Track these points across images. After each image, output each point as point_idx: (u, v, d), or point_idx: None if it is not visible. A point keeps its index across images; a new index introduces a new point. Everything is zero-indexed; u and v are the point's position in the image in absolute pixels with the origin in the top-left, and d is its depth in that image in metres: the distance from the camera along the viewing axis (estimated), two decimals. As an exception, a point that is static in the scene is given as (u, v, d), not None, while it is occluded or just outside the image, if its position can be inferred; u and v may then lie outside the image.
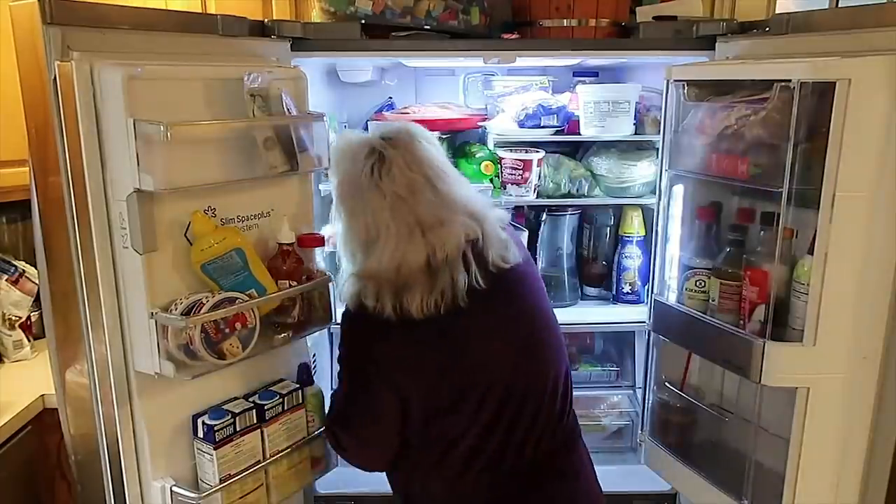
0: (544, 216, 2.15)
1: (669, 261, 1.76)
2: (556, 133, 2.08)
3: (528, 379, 1.38)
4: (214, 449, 1.38)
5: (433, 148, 1.40)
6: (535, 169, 2.03)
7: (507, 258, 1.38)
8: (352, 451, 1.45)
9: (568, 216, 2.19)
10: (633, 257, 2.14)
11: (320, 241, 1.60)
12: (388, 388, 1.35)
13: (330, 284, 1.58)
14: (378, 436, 1.41)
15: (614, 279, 2.19)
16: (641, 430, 1.92)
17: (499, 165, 2.06)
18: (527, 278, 1.45)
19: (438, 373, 1.34)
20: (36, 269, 1.79)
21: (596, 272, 2.26)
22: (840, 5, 2.28)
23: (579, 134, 2.05)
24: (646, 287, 2.10)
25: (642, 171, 2.04)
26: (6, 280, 2.12)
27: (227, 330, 1.34)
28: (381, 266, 1.30)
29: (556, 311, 1.50)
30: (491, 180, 2.06)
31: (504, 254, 1.38)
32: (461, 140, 2.27)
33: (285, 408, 1.51)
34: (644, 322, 1.88)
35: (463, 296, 1.31)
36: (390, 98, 2.38)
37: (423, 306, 1.29)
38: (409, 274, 1.30)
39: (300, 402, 1.54)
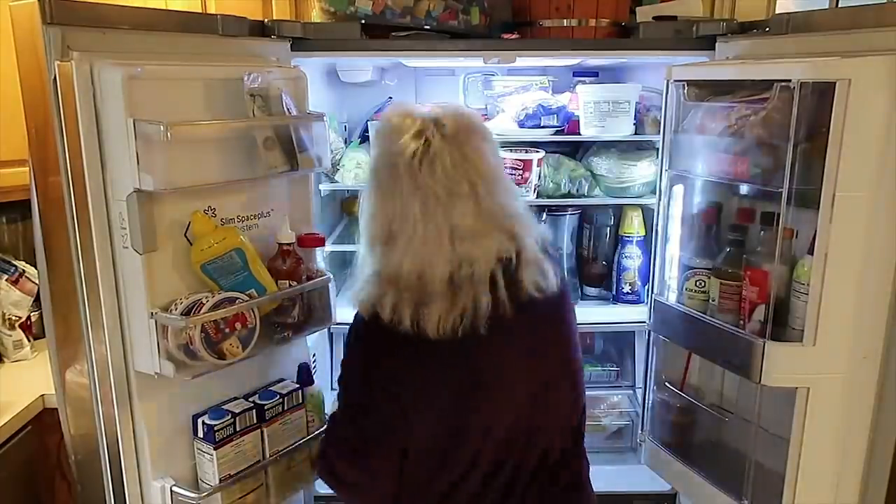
0: (544, 216, 2.15)
1: (669, 261, 1.76)
2: (556, 133, 2.08)
3: (535, 429, 1.27)
4: (214, 449, 1.38)
5: (488, 147, 1.26)
6: (535, 169, 2.03)
7: (541, 286, 1.23)
8: (349, 484, 1.33)
9: (568, 216, 2.19)
10: (633, 257, 2.14)
11: (320, 242, 1.60)
12: (394, 412, 1.24)
13: (330, 284, 1.58)
14: (381, 468, 1.28)
15: (614, 279, 2.19)
16: (641, 430, 1.92)
17: (499, 165, 2.06)
18: (559, 311, 1.32)
19: (448, 404, 1.23)
20: (36, 269, 1.79)
21: (596, 272, 2.25)
22: (840, 5, 2.28)
23: (579, 134, 2.05)
24: (646, 287, 2.10)
25: (642, 171, 2.04)
26: (6, 280, 2.12)
27: (227, 330, 1.34)
28: (403, 270, 1.18)
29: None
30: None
31: (539, 280, 1.24)
32: (461, 140, 2.26)
33: (285, 408, 1.51)
34: (644, 322, 1.88)
35: (484, 321, 1.18)
36: (390, 98, 2.38)
37: (440, 325, 1.17)
38: (430, 285, 1.17)
39: (300, 402, 1.54)
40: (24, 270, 2.15)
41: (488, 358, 1.23)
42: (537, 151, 2.04)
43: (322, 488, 1.99)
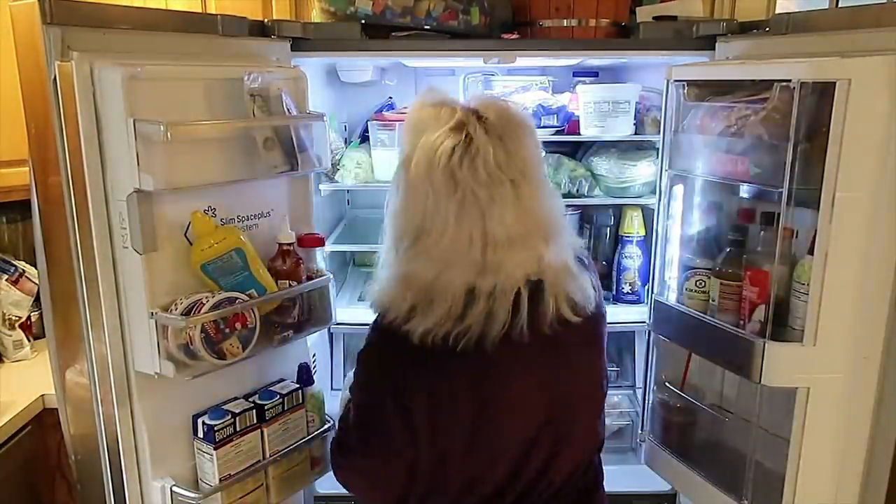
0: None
1: (669, 261, 1.76)
2: (556, 133, 2.08)
3: (549, 459, 1.21)
4: (214, 449, 1.38)
5: (532, 141, 1.16)
6: (535, 169, 2.03)
7: (578, 307, 1.14)
8: (353, 486, 1.35)
9: (568, 216, 2.17)
10: (633, 257, 2.14)
11: (320, 242, 1.60)
12: (402, 430, 1.18)
13: (330, 285, 1.58)
14: (383, 475, 1.26)
15: (614, 279, 2.19)
16: (641, 430, 1.91)
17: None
18: (590, 335, 1.23)
19: (454, 428, 1.17)
20: (36, 269, 1.79)
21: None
22: (840, 5, 2.28)
23: (579, 134, 2.05)
24: (646, 287, 2.10)
25: (642, 171, 2.04)
26: (6, 280, 2.12)
27: (227, 330, 1.34)
28: (421, 271, 1.11)
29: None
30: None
31: (575, 299, 1.14)
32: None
33: (285, 408, 1.51)
34: (644, 322, 1.88)
35: (493, 341, 1.09)
36: (390, 98, 2.38)
37: (432, 334, 1.09)
38: (442, 291, 1.09)
39: (300, 402, 1.54)
40: (24, 270, 2.15)
41: (497, 385, 1.15)
42: (537, 151, 2.04)
43: (322, 488, 1.99)
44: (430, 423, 1.17)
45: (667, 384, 1.80)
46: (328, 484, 1.88)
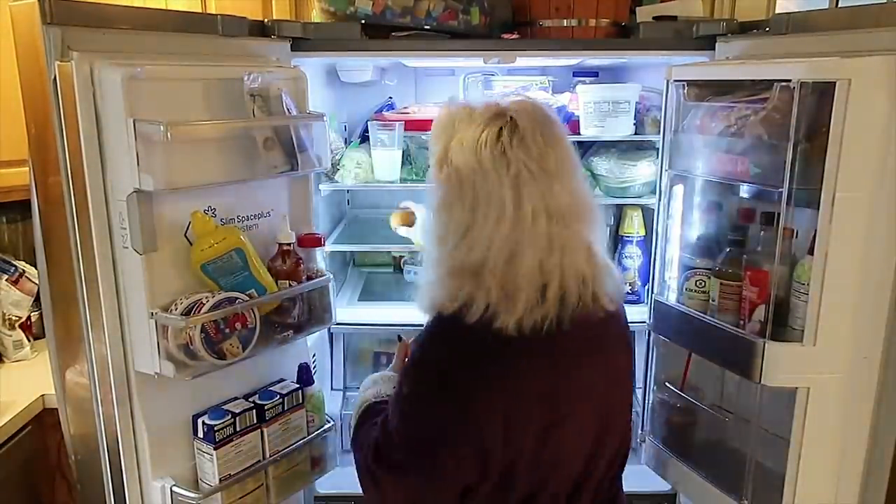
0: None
1: (669, 261, 1.76)
2: (556, 133, 2.07)
3: (594, 462, 1.19)
4: (214, 449, 1.38)
5: (566, 135, 1.17)
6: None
7: (613, 296, 1.13)
8: (392, 502, 1.22)
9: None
10: (633, 257, 2.14)
11: (320, 242, 1.61)
12: (475, 451, 1.10)
13: (330, 284, 1.58)
14: (431, 499, 1.16)
15: (614, 279, 2.19)
16: (641, 430, 1.91)
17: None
18: (626, 326, 1.22)
19: (529, 430, 1.11)
20: (36, 269, 1.79)
21: (596, 272, 2.25)
22: (840, 5, 2.28)
23: (579, 134, 2.04)
24: (646, 287, 2.09)
25: (642, 171, 2.04)
26: (6, 280, 2.12)
27: (227, 330, 1.34)
28: (489, 254, 1.06)
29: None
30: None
31: (612, 289, 1.13)
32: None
33: (285, 408, 1.51)
34: (644, 322, 1.88)
35: (569, 318, 1.08)
36: (390, 98, 2.38)
37: (524, 319, 1.05)
38: (519, 272, 1.05)
39: (300, 402, 1.54)
40: (24, 270, 2.15)
41: (567, 372, 1.11)
42: (537, 151, 2.04)
43: (322, 488, 1.99)
44: (504, 438, 1.10)
45: (667, 384, 1.80)
46: (328, 484, 1.90)
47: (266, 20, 1.66)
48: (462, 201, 1.10)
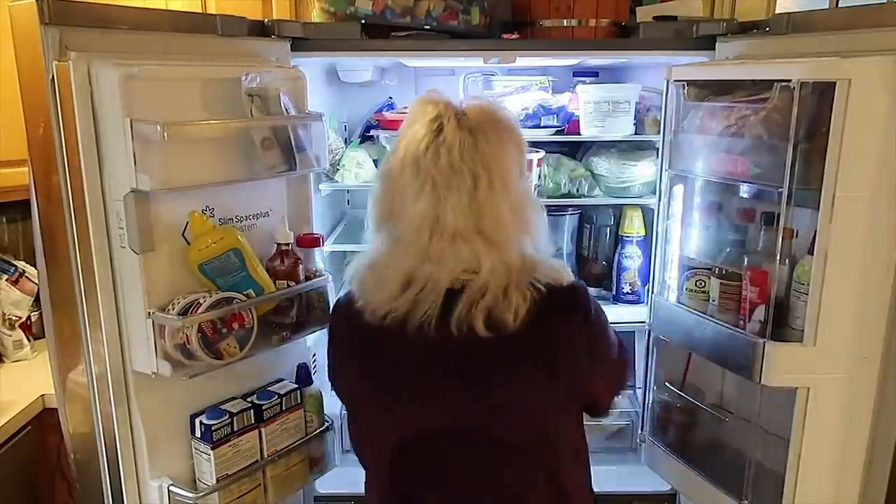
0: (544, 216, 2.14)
1: (669, 261, 1.75)
2: (556, 133, 2.07)
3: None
4: (212, 449, 1.38)
5: (509, 146, 1.15)
6: (535, 169, 2.03)
7: (494, 321, 1.08)
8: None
9: (568, 216, 2.18)
10: (633, 257, 2.13)
11: (318, 242, 1.60)
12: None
13: (329, 284, 1.58)
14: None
15: (614, 279, 2.18)
16: (641, 430, 1.91)
17: (499, 165, 2.05)
18: (510, 355, 1.13)
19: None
20: (36, 269, 1.79)
21: (596, 272, 2.25)
22: (840, 5, 2.27)
23: (579, 134, 2.04)
24: (646, 287, 2.09)
25: (642, 171, 2.03)
26: (6, 280, 2.12)
27: (224, 330, 1.34)
28: (378, 254, 1.19)
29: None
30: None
31: (494, 313, 1.09)
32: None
33: (283, 408, 1.51)
34: (644, 322, 1.88)
35: (412, 328, 1.10)
36: (390, 98, 2.38)
37: (378, 312, 1.13)
38: (390, 271, 1.13)
39: (299, 402, 1.54)
40: (24, 270, 2.15)
41: (402, 369, 1.18)
42: (537, 151, 2.03)
43: (322, 488, 1.98)
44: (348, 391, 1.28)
45: (667, 384, 1.80)
46: (328, 484, 1.90)
47: (266, 20, 1.65)
48: (384, 198, 1.18)
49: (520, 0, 1.97)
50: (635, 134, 2.02)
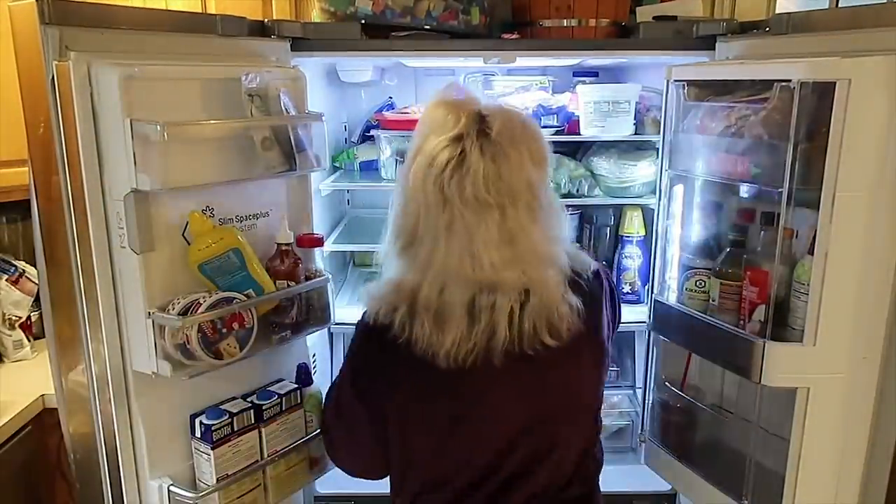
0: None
1: (669, 261, 1.75)
2: (556, 133, 2.07)
3: (533, 462, 1.23)
4: (212, 449, 1.38)
5: (532, 158, 1.15)
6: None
7: (555, 331, 1.14)
8: (339, 461, 1.44)
9: (568, 216, 2.18)
10: (633, 257, 2.14)
11: (318, 242, 1.60)
12: (378, 430, 1.27)
13: (329, 285, 1.58)
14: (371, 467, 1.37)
15: (614, 279, 2.18)
16: (641, 430, 1.91)
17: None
18: (572, 353, 1.19)
19: (433, 433, 1.22)
20: (36, 269, 1.79)
21: (596, 272, 2.25)
22: (840, 5, 2.27)
23: (579, 134, 2.04)
24: (646, 287, 2.09)
25: (642, 171, 2.03)
26: (6, 280, 2.12)
27: (224, 330, 1.34)
28: (424, 284, 1.12)
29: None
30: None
31: (553, 323, 1.14)
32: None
33: (283, 408, 1.50)
34: (644, 322, 1.88)
35: (499, 354, 1.12)
36: (390, 98, 2.38)
37: (453, 353, 1.11)
38: (450, 307, 1.11)
39: (298, 402, 1.54)
40: (24, 270, 2.15)
41: (474, 396, 1.19)
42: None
43: (322, 488, 1.99)
44: (401, 429, 1.25)
45: (667, 384, 1.80)
46: (328, 484, 1.90)
47: (266, 20, 1.66)
48: (410, 215, 1.15)
49: (520, 0, 1.97)
50: (635, 134, 2.02)
